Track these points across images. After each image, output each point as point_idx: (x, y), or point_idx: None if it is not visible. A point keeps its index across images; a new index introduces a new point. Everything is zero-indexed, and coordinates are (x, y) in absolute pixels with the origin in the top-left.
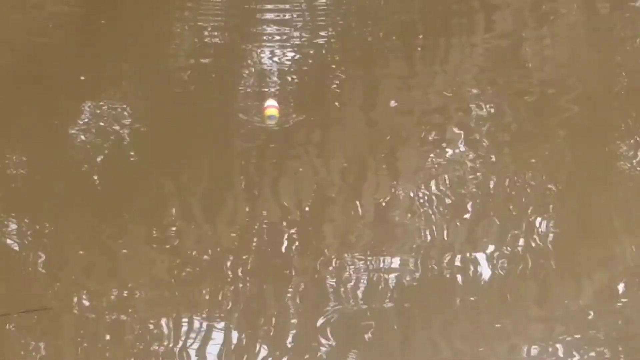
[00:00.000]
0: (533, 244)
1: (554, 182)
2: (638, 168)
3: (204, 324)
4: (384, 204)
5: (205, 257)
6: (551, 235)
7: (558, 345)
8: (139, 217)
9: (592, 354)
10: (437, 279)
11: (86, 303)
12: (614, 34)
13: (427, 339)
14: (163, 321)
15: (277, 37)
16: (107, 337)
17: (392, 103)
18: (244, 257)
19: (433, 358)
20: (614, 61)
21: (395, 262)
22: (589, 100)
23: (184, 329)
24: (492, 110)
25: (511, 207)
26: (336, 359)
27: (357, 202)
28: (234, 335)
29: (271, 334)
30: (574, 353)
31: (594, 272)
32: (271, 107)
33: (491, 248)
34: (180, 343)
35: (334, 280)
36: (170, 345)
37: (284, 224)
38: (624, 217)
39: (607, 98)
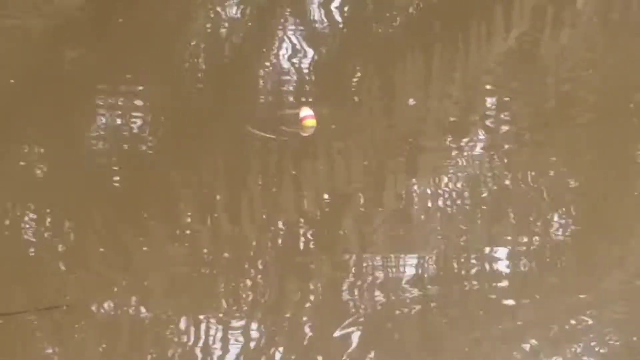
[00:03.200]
0: (552, 241)
1: (573, 180)
2: None
3: (223, 322)
4: (403, 202)
5: (226, 254)
6: (570, 231)
7: (578, 341)
8: (158, 214)
9: (613, 349)
10: (456, 277)
11: (104, 300)
12: (631, 30)
13: (447, 336)
14: (182, 319)
15: (296, 33)
16: (126, 334)
17: (411, 101)
18: (263, 255)
19: (452, 355)
20: (632, 58)
21: (414, 260)
22: (607, 98)
23: (203, 326)
24: (511, 108)
25: (530, 204)
26: (356, 357)
27: (376, 201)
28: (253, 333)
29: (290, 332)
30: (594, 349)
31: (613, 267)
32: (309, 117)
33: (510, 245)
34: (200, 341)
35: (353, 278)
36: (189, 343)
37: (303, 222)
38: None
39: (625, 96)
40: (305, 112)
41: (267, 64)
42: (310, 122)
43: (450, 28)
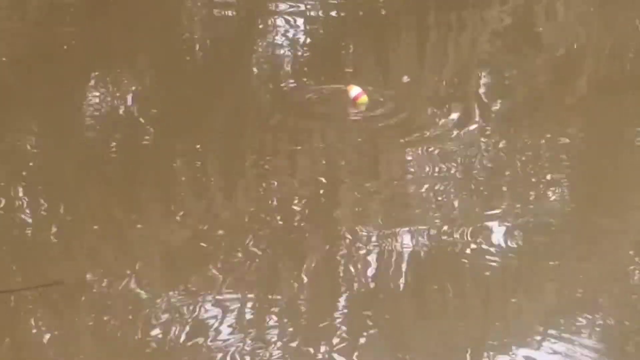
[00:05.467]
0: (547, 218)
1: (568, 157)
2: None
3: (218, 298)
4: (397, 177)
5: (220, 232)
6: (565, 209)
7: (572, 319)
8: (153, 192)
9: (607, 324)
10: (450, 253)
11: (100, 278)
12: (625, 6)
13: (440, 313)
14: (176, 295)
15: (290, 11)
16: (120, 311)
17: (405, 78)
18: (258, 232)
19: (446, 331)
20: (626, 33)
21: (408, 235)
22: (602, 74)
23: (197, 302)
24: (505, 84)
25: (525, 181)
26: (350, 331)
27: (371, 177)
28: (248, 309)
29: (285, 308)
30: (589, 326)
31: (608, 245)
32: (361, 94)
33: (505, 223)
34: (194, 317)
35: (347, 253)
36: (183, 319)
37: (298, 198)
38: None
39: (620, 71)
40: (355, 90)
41: (263, 43)
42: (364, 100)
43: (444, 5)
